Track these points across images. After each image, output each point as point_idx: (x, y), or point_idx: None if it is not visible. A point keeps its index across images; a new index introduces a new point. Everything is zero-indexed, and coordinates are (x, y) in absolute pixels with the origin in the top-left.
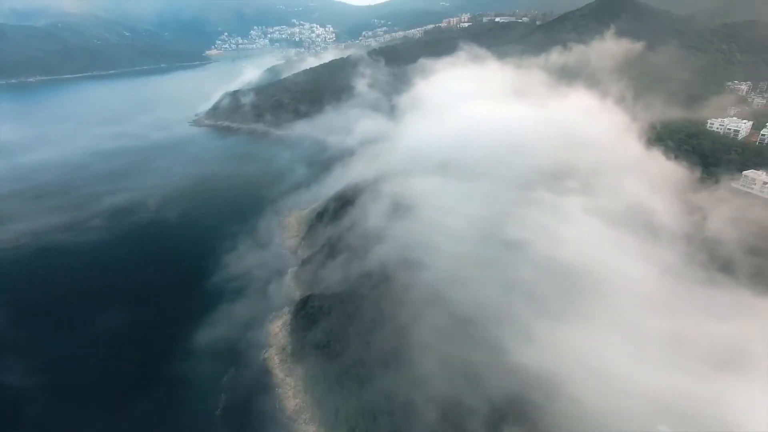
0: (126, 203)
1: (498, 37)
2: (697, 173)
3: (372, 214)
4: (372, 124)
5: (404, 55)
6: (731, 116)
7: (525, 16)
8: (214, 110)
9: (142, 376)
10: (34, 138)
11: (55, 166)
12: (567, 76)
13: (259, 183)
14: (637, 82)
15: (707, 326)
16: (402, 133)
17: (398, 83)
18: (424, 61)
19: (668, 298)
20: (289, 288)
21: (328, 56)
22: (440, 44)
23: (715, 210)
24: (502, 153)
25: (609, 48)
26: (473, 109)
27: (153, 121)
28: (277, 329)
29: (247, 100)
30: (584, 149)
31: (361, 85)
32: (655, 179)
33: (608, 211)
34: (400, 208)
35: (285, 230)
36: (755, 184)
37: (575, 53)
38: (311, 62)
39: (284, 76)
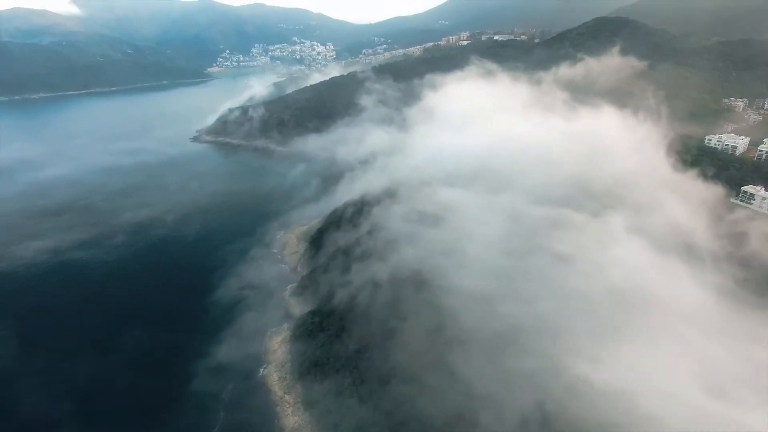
0: (144, 220)
1: (498, 55)
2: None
3: (373, 228)
4: (383, 138)
5: (408, 71)
6: (729, 132)
7: (523, 34)
8: (216, 126)
9: (141, 394)
10: (48, 154)
11: (71, 182)
12: (573, 92)
13: (265, 199)
14: (640, 98)
15: None
16: (414, 147)
17: (407, 98)
18: (431, 77)
19: (729, 323)
20: (288, 304)
21: (333, 72)
22: (444, 60)
23: (752, 229)
24: (524, 165)
25: (612, 64)
26: (486, 122)
27: (157, 137)
28: (276, 346)
29: (250, 116)
30: (606, 164)
31: (369, 100)
32: (685, 196)
33: (644, 228)
34: (405, 220)
35: (286, 247)
36: (754, 199)
37: (578, 70)
38: (316, 78)
39: (288, 92)
